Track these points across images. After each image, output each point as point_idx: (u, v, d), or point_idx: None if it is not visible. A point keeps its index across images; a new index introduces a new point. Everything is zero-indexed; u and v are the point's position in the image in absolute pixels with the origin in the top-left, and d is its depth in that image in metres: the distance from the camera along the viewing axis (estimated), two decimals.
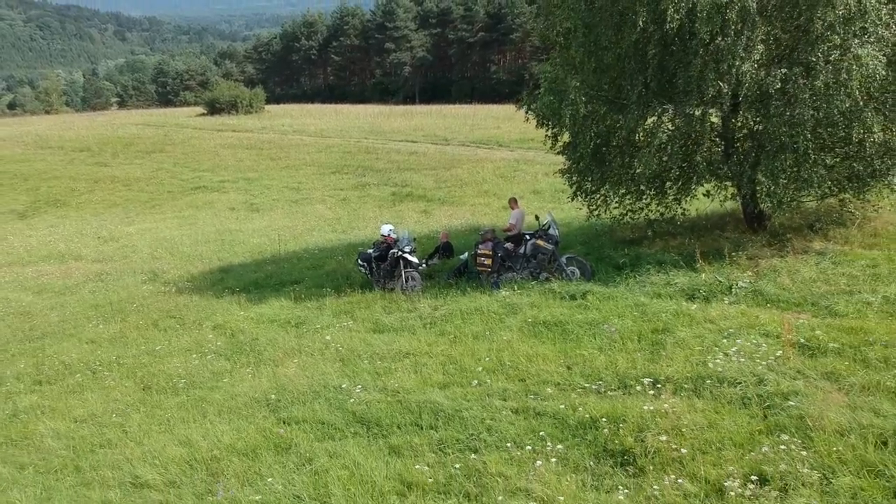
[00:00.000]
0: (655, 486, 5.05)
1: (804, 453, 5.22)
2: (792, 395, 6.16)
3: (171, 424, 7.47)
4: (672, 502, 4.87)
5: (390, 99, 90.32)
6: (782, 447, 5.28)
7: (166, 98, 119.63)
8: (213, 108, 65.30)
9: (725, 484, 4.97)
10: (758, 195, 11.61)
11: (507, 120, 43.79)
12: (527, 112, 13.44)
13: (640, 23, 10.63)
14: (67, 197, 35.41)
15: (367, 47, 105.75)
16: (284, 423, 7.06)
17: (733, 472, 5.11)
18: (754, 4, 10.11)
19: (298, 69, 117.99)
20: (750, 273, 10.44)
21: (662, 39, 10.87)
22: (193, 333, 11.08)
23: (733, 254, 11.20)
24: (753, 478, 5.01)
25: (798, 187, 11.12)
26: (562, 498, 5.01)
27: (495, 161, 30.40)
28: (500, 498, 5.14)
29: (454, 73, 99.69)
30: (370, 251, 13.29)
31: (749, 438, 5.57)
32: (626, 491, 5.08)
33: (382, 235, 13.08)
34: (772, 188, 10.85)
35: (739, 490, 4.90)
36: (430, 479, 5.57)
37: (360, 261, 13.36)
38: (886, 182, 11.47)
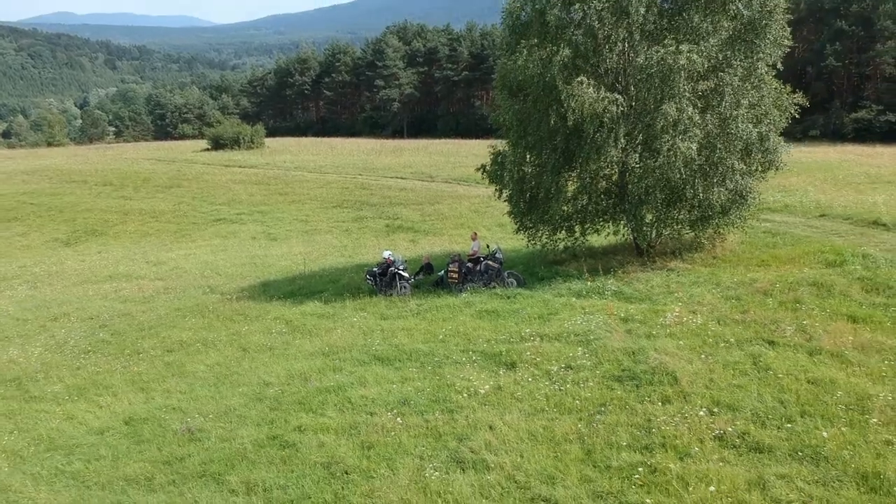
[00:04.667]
0: (519, 371, 10.90)
1: (590, 355, 11.10)
2: (602, 337, 12.03)
3: (270, 364, 13.21)
4: (522, 378, 10.69)
5: (380, 132, 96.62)
6: (580, 353, 11.18)
7: (164, 130, 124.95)
8: (217, 144, 70.57)
9: (551, 369, 10.83)
10: (633, 232, 17.73)
11: (486, 158, 49.87)
12: (482, 174, 19.43)
13: (552, 120, 16.69)
14: (103, 227, 40.63)
15: (358, 83, 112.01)
16: (335, 360, 12.82)
17: (558, 364, 10.97)
18: (619, 113, 16.17)
19: (292, 103, 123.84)
20: (619, 282, 16.35)
21: (566, 131, 16.90)
22: (261, 322, 16.81)
23: (614, 270, 17.13)
24: (565, 366, 10.88)
25: (657, 228, 17.19)
26: (475, 374, 10.86)
27: (472, 198, 36.22)
28: (448, 377, 10.96)
29: (440, 108, 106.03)
30: (375, 269, 19.01)
31: (572, 354, 11.42)
32: (504, 373, 10.93)
33: (383, 258, 18.85)
34: (637, 228, 16.91)
35: (557, 371, 10.76)
36: (416, 375, 11.38)
37: (367, 276, 19.09)
38: (715, 223, 17.52)
